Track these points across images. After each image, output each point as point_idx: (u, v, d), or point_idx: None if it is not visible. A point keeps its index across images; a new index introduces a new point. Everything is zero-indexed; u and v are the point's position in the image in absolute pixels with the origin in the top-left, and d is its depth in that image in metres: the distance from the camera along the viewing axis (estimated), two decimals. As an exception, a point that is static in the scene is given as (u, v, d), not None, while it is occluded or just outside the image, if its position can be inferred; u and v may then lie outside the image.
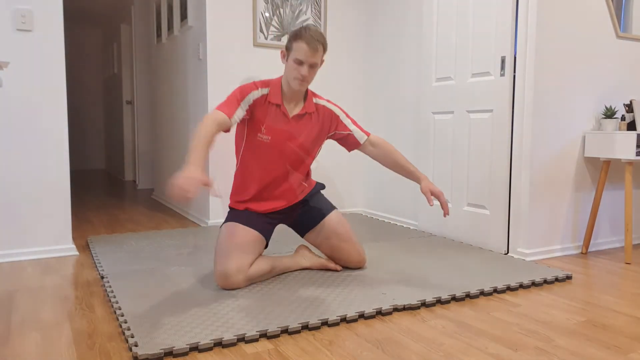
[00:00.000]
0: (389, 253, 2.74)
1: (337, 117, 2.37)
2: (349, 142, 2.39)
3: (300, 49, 2.11)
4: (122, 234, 3.19)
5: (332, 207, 2.44)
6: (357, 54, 4.01)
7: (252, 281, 2.16)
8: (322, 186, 2.51)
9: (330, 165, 3.95)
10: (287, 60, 2.18)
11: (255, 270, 2.15)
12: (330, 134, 2.39)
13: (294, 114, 2.25)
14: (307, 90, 2.31)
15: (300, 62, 2.13)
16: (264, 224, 2.29)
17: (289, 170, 2.30)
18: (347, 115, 2.40)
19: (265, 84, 2.23)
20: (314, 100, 2.33)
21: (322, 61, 2.21)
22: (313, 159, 2.40)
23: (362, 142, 2.37)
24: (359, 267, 2.43)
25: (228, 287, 2.09)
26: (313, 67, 2.15)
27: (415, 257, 2.66)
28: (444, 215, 2.15)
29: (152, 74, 5.27)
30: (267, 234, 2.29)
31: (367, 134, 2.38)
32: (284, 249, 2.78)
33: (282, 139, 2.24)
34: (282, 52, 2.21)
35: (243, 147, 2.28)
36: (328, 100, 2.38)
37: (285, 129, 2.24)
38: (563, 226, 2.87)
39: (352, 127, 2.38)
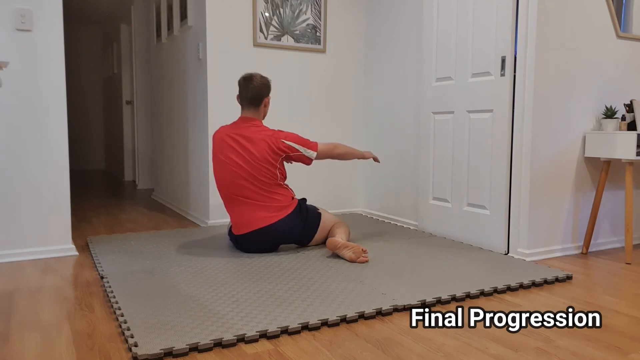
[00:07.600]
0: (389, 253, 2.74)
1: None
2: None
3: None
4: (122, 234, 3.18)
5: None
6: (357, 54, 4.01)
7: None
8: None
9: (330, 166, 3.95)
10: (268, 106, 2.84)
11: None
12: None
13: None
14: None
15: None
16: None
17: None
18: None
19: None
20: None
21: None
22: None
23: None
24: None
25: None
26: None
27: (415, 257, 2.66)
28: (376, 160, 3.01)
29: (152, 74, 5.26)
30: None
31: None
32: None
33: None
34: (268, 99, 2.80)
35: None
36: None
37: None
38: (563, 226, 2.87)
39: None
